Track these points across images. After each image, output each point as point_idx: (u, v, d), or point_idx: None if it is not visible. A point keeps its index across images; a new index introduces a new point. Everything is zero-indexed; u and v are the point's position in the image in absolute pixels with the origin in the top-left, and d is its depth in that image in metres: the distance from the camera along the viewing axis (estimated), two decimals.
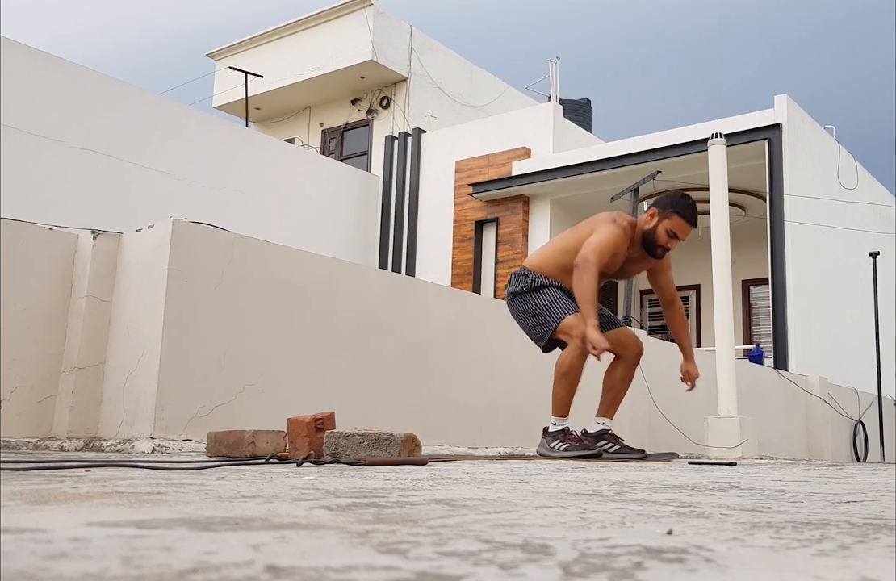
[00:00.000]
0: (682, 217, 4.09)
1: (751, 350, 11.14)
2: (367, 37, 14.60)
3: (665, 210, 4.11)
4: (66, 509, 1.00)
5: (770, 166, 10.35)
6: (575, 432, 4.12)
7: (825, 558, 0.74)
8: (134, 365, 3.51)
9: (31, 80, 9.44)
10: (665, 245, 4.12)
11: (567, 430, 4.06)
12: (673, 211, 4.09)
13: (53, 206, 8.73)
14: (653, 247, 4.13)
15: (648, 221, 4.14)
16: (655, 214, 4.12)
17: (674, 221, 4.09)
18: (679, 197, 4.20)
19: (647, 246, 4.15)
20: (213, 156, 11.34)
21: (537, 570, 0.64)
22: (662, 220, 4.10)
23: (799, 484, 2.14)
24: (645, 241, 4.15)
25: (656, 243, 4.12)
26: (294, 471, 2.09)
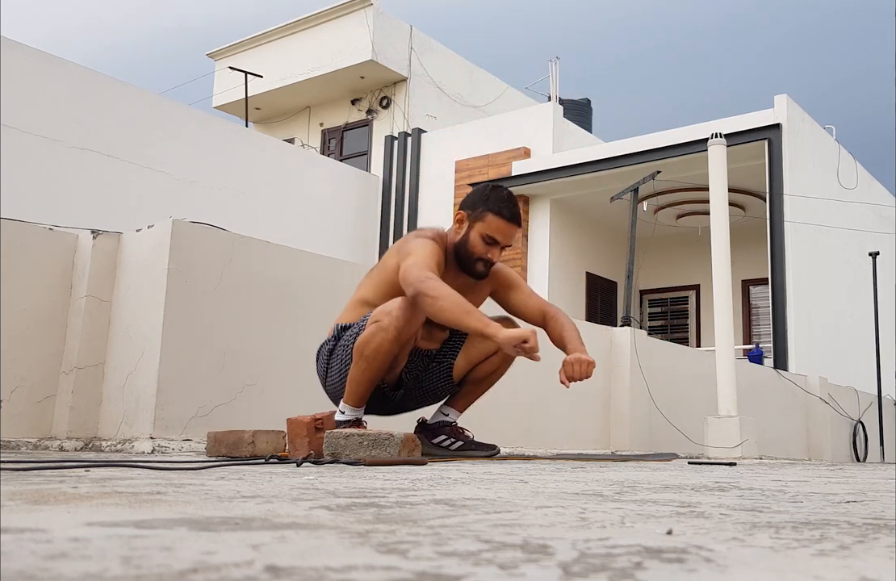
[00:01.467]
0: (499, 215, 3.10)
1: (751, 350, 11.15)
2: (366, 37, 14.60)
3: (475, 210, 3.13)
4: (66, 509, 1.00)
5: (770, 166, 10.36)
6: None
7: (825, 558, 0.74)
8: (134, 365, 3.51)
9: (31, 80, 9.44)
10: (484, 256, 3.13)
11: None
12: (484, 209, 3.11)
13: (53, 206, 8.73)
14: (469, 262, 3.14)
15: (458, 230, 3.16)
16: (464, 219, 3.15)
17: (488, 223, 3.10)
18: (489, 190, 3.18)
19: (461, 263, 3.16)
20: (213, 156, 11.34)
21: (537, 570, 0.64)
22: (473, 223, 3.12)
23: (799, 484, 2.14)
24: (458, 257, 3.16)
25: (472, 256, 3.13)
26: (294, 471, 2.09)
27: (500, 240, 3.13)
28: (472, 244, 3.12)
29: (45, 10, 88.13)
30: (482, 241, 3.11)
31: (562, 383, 3.04)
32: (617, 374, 6.27)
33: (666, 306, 14.55)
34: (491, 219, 3.10)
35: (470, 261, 3.14)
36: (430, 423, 3.47)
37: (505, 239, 3.14)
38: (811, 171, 10.89)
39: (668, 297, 14.46)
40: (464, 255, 3.14)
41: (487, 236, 3.11)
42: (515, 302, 3.36)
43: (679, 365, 7.04)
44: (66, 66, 9.86)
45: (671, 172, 10.60)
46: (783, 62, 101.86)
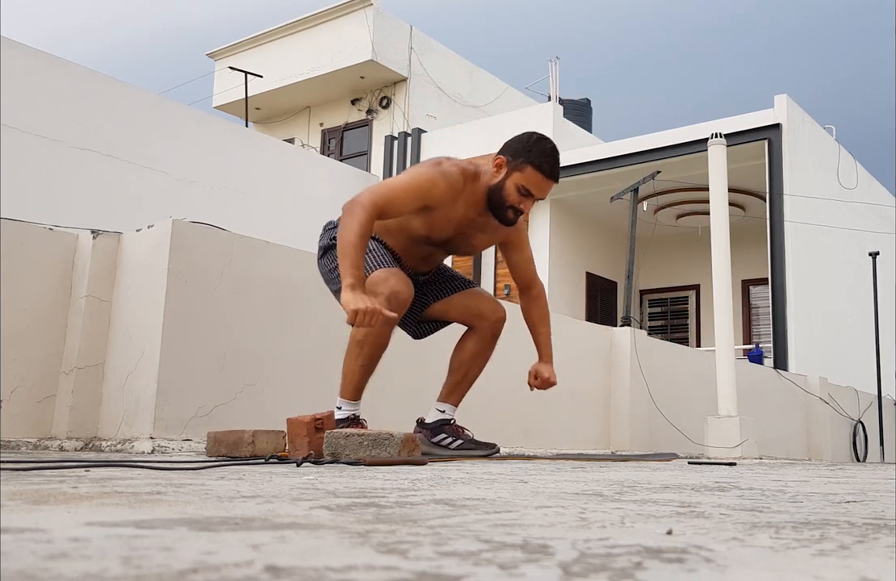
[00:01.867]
0: (538, 169, 3.07)
1: (750, 350, 11.15)
2: (366, 37, 14.60)
3: (515, 159, 3.09)
4: (66, 509, 1.00)
5: (770, 166, 10.36)
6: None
7: (825, 558, 0.74)
8: (134, 365, 3.51)
9: (31, 80, 9.44)
10: (516, 205, 3.09)
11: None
12: (525, 161, 3.07)
13: (53, 206, 8.73)
14: (501, 209, 3.11)
15: (495, 174, 3.11)
16: (503, 165, 3.10)
17: (526, 175, 3.07)
18: (534, 140, 3.13)
19: (493, 207, 3.12)
20: (213, 156, 11.34)
21: (537, 569, 0.64)
22: (512, 172, 3.08)
23: (799, 484, 2.14)
24: (490, 201, 3.12)
25: (505, 203, 3.09)
26: (294, 471, 2.09)
27: (535, 193, 3.11)
28: (506, 191, 3.09)
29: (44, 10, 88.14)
30: (517, 192, 3.09)
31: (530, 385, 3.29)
32: (617, 374, 6.27)
33: (666, 306, 14.55)
34: (530, 172, 3.08)
35: (501, 207, 3.11)
36: (429, 422, 3.46)
37: (540, 193, 3.13)
38: (811, 171, 10.89)
39: (668, 297, 14.46)
40: (496, 200, 3.11)
41: (523, 188, 3.08)
42: (513, 258, 3.37)
43: (679, 365, 7.04)
44: (66, 66, 9.86)
45: (671, 172, 10.60)
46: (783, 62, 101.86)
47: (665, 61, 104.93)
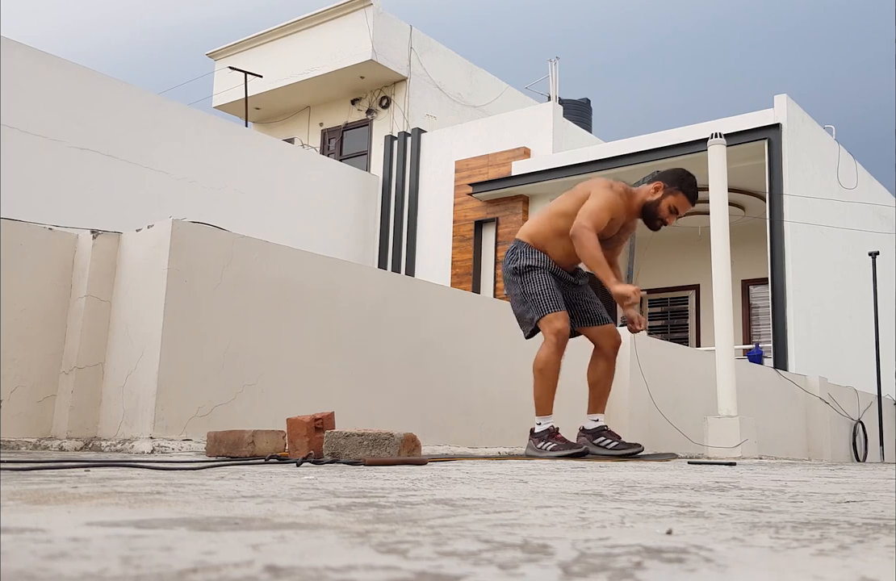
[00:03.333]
0: (687, 196, 4.17)
1: (750, 350, 11.14)
2: (366, 37, 14.60)
3: (671, 186, 4.16)
4: (66, 509, 0.99)
5: (770, 166, 10.35)
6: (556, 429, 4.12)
7: (825, 558, 0.74)
8: (133, 365, 3.51)
9: (31, 80, 9.44)
10: (665, 220, 4.16)
11: (553, 430, 4.07)
12: (679, 189, 4.15)
13: (53, 206, 8.73)
14: (653, 219, 4.16)
15: (653, 193, 4.17)
16: (661, 189, 4.16)
17: (678, 198, 4.15)
18: (685, 174, 4.25)
19: (647, 217, 4.18)
20: (212, 156, 11.34)
21: (537, 569, 0.64)
22: (667, 195, 4.14)
23: (798, 484, 2.14)
24: (646, 213, 4.18)
25: (657, 216, 4.15)
26: (293, 471, 2.09)
27: (680, 212, 4.18)
28: (661, 208, 4.15)
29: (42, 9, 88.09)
30: (668, 209, 4.15)
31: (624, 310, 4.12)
32: (617, 373, 6.26)
33: (666, 306, 14.55)
34: (682, 198, 4.16)
35: (654, 218, 4.16)
36: (589, 429, 4.29)
37: (683, 212, 4.20)
38: (811, 171, 10.89)
39: (668, 297, 14.46)
40: (650, 212, 4.15)
41: (674, 207, 4.16)
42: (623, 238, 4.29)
43: (679, 365, 7.04)
44: (66, 66, 9.86)
45: None
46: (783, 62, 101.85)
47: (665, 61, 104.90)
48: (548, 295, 4.05)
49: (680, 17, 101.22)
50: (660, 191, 4.14)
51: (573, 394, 5.17)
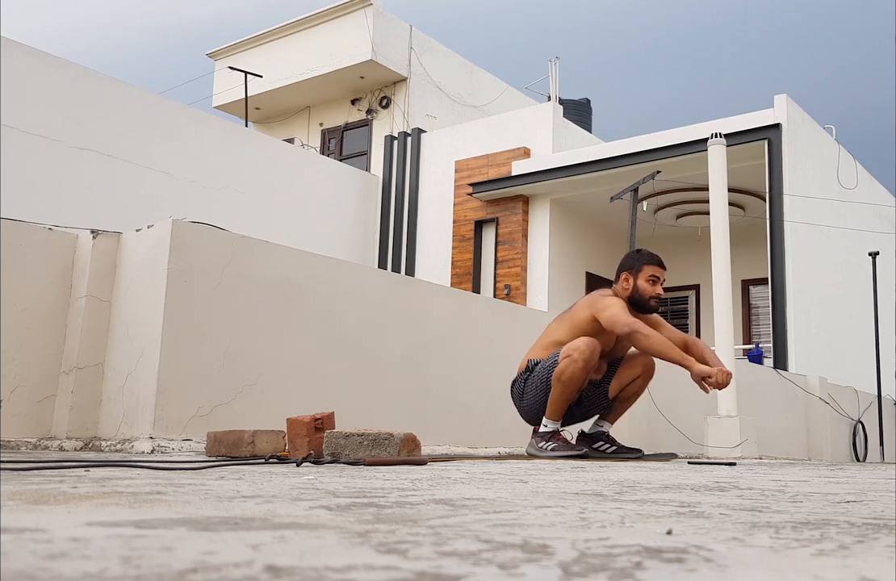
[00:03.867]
0: (651, 263, 4.22)
1: (750, 350, 11.15)
2: (366, 37, 14.60)
3: (633, 267, 4.21)
4: (66, 509, 1.00)
5: (770, 166, 10.35)
6: (564, 433, 4.17)
7: (825, 558, 0.74)
8: (133, 365, 3.51)
9: (31, 80, 9.44)
10: (653, 294, 4.18)
11: (557, 432, 4.11)
12: (640, 264, 4.21)
13: (53, 206, 8.73)
14: (644, 304, 4.18)
15: (626, 287, 4.19)
16: (628, 277, 4.20)
17: (645, 271, 4.19)
18: (635, 252, 4.36)
19: (638, 307, 4.18)
20: (212, 156, 11.34)
21: (537, 569, 0.64)
22: (637, 276, 4.18)
23: (798, 484, 2.14)
24: (635, 304, 4.18)
25: (644, 298, 4.17)
26: (293, 471, 2.09)
27: (660, 276, 4.22)
28: (641, 290, 4.18)
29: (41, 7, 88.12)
30: (648, 284, 4.18)
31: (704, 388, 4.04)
32: None
33: (666, 306, 14.55)
34: (647, 268, 4.21)
35: (644, 301, 4.18)
36: (588, 432, 4.34)
37: (661, 275, 4.23)
38: (811, 171, 10.89)
39: (668, 296, 14.46)
40: (639, 299, 4.17)
41: (650, 278, 4.19)
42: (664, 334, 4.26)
43: None
44: (66, 66, 9.86)
45: (671, 172, 10.60)
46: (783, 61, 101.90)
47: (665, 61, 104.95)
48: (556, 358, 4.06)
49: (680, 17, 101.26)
50: (629, 279, 4.19)
51: None
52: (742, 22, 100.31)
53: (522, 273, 12.43)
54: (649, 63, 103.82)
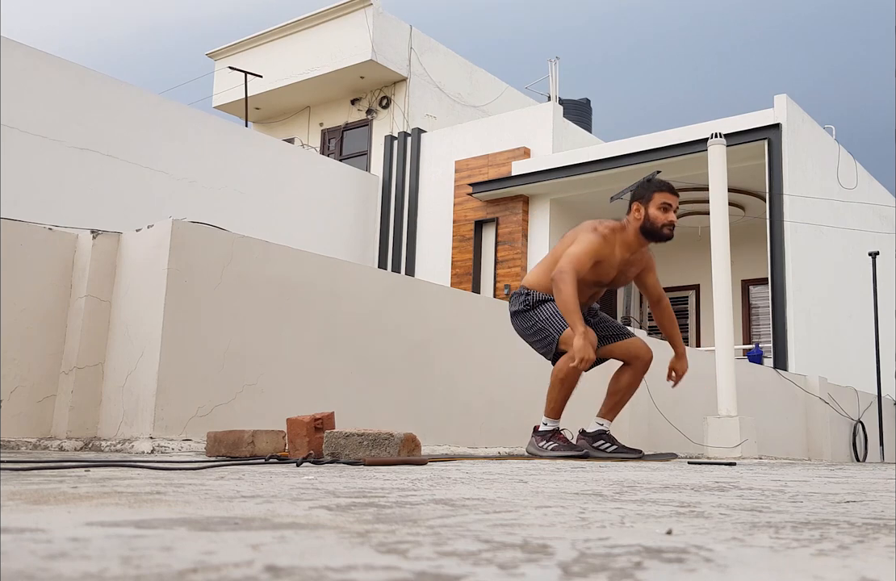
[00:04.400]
0: (661, 190, 4.14)
1: (750, 350, 11.14)
2: (366, 37, 14.59)
3: (644, 197, 4.14)
4: (66, 509, 1.00)
5: (770, 166, 10.36)
6: (565, 432, 4.18)
7: (825, 558, 0.74)
8: (133, 365, 3.51)
9: (31, 80, 9.44)
10: (665, 222, 4.11)
11: (557, 431, 4.11)
12: (650, 192, 4.14)
13: (53, 206, 8.73)
14: (657, 232, 4.12)
15: (638, 217, 4.15)
16: (640, 207, 4.14)
17: (656, 198, 4.12)
18: (645, 181, 4.32)
19: (652, 236, 4.15)
20: (212, 156, 11.34)
21: (537, 569, 0.64)
22: (647, 205, 4.12)
23: (798, 484, 2.14)
24: (648, 235, 4.14)
25: (657, 226, 4.11)
26: (293, 471, 2.09)
27: (672, 204, 4.13)
28: (653, 218, 4.10)
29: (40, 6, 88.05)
30: (660, 211, 4.10)
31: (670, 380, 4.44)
32: None
33: None
34: (657, 195, 4.12)
35: (657, 230, 4.11)
36: (590, 431, 4.28)
37: (674, 203, 4.14)
38: (811, 171, 10.89)
39: (668, 296, 14.46)
40: (650, 228, 4.11)
41: (662, 205, 4.10)
42: (649, 280, 4.45)
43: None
44: (66, 66, 9.86)
45: (671, 172, 10.58)
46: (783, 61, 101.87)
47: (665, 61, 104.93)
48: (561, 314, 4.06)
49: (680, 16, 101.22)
50: (640, 209, 4.13)
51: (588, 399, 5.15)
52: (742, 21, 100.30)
53: (522, 273, 12.42)
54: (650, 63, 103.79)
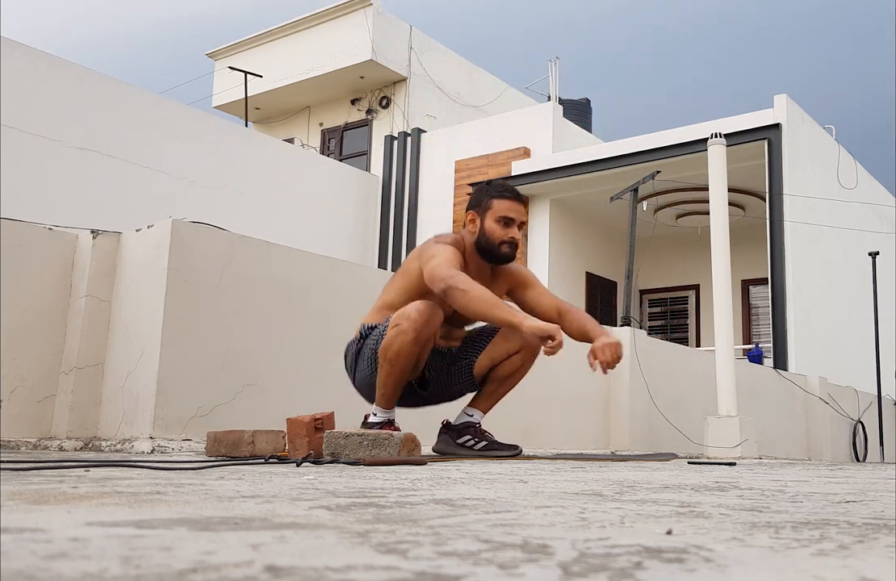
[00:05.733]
0: (501, 197, 3.35)
1: (750, 350, 11.15)
2: (366, 37, 14.60)
3: (480, 206, 3.36)
4: (66, 509, 1.00)
5: (769, 166, 10.36)
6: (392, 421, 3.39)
7: (824, 558, 0.74)
8: (133, 365, 3.51)
9: (31, 80, 9.44)
10: (504, 238, 3.31)
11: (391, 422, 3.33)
12: (488, 198, 3.35)
13: (53, 206, 8.73)
14: (493, 249, 3.33)
15: (473, 229, 3.36)
16: (475, 217, 3.36)
17: (495, 208, 3.32)
18: (485, 185, 3.53)
19: (487, 253, 3.35)
20: (212, 156, 11.35)
21: (537, 569, 0.64)
22: (484, 215, 3.33)
23: (798, 484, 2.14)
24: (484, 252, 3.35)
25: (493, 242, 3.32)
26: (293, 471, 2.09)
27: (513, 216, 3.33)
28: (489, 232, 3.31)
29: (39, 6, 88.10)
30: (498, 225, 3.31)
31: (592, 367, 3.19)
32: (616, 373, 6.27)
33: (666, 306, 14.55)
34: (496, 203, 3.33)
35: (493, 247, 3.32)
36: (454, 423, 3.57)
37: (517, 215, 3.35)
38: (811, 171, 10.90)
39: (668, 296, 14.46)
40: (486, 245, 3.32)
41: (500, 218, 3.31)
42: (530, 299, 3.49)
43: (679, 365, 7.04)
44: (66, 66, 9.86)
45: (671, 172, 10.60)
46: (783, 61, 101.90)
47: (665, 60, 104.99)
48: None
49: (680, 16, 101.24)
50: (475, 219, 3.36)
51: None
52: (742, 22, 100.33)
53: None
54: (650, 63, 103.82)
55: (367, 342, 3.35)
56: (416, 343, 3.13)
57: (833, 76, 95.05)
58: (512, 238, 3.32)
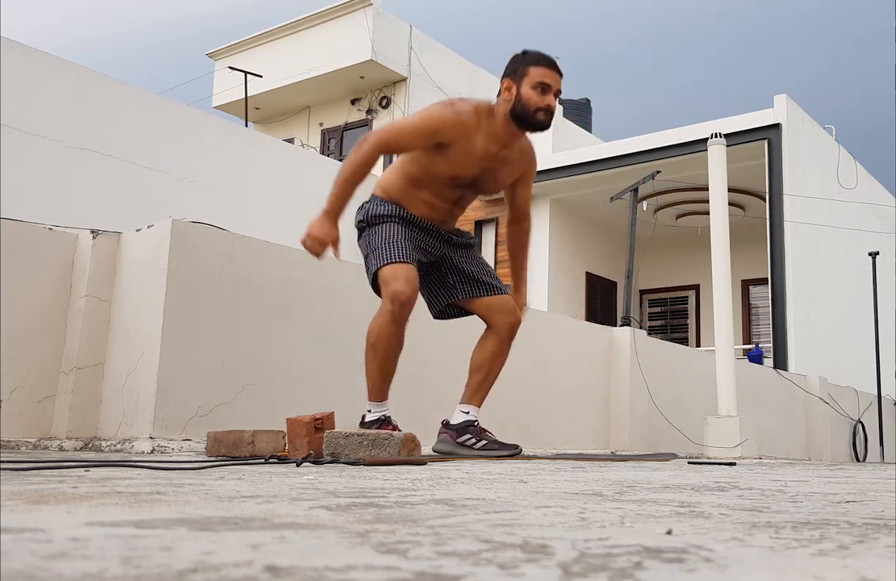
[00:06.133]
0: (538, 64, 3.28)
1: (750, 350, 11.15)
2: (366, 37, 14.60)
3: (516, 72, 3.29)
4: (66, 509, 1.00)
5: (769, 166, 10.36)
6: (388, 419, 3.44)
7: (824, 558, 0.74)
8: (133, 365, 3.51)
9: (31, 80, 9.44)
10: (541, 104, 3.25)
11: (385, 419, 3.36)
12: (524, 66, 3.28)
13: (53, 206, 8.72)
14: (531, 116, 3.27)
15: (508, 96, 3.29)
16: (511, 85, 3.28)
17: (532, 75, 3.25)
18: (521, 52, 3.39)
19: (525, 122, 3.29)
20: (212, 156, 11.34)
21: (537, 569, 0.64)
22: (521, 82, 3.26)
23: (798, 484, 2.14)
24: (520, 119, 3.28)
25: (530, 108, 3.25)
26: (293, 471, 2.09)
27: (550, 83, 3.28)
28: (525, 99, 3.25)
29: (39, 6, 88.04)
30: (535, 92, 3.25)
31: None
32: (616, 373, 6.27)
33: (666, 306, 14.55)
34: (534, 70, 3.27)
35: (529, 114, 3.26)
36: (454, 424, 3.56)
37: (554, 82, 3.30)
38: (811, 171, 10.90)
39: (668, 297, 14.46)
40: (522, 112, 3.27)
41: (538, 84, 3.25)
42: (521, 191, 3.68)
43: (679, 365, 7.04)
44: (66, 66, 9.86)
45: (671, 172, 10.60)
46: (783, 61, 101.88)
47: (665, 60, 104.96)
48: (392, 244, 3.30)
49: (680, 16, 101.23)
50: (512, 87, 3.27)
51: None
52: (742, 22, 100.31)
53: None
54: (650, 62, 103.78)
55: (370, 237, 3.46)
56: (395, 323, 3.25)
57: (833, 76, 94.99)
58: (548, 105, 3.28)
